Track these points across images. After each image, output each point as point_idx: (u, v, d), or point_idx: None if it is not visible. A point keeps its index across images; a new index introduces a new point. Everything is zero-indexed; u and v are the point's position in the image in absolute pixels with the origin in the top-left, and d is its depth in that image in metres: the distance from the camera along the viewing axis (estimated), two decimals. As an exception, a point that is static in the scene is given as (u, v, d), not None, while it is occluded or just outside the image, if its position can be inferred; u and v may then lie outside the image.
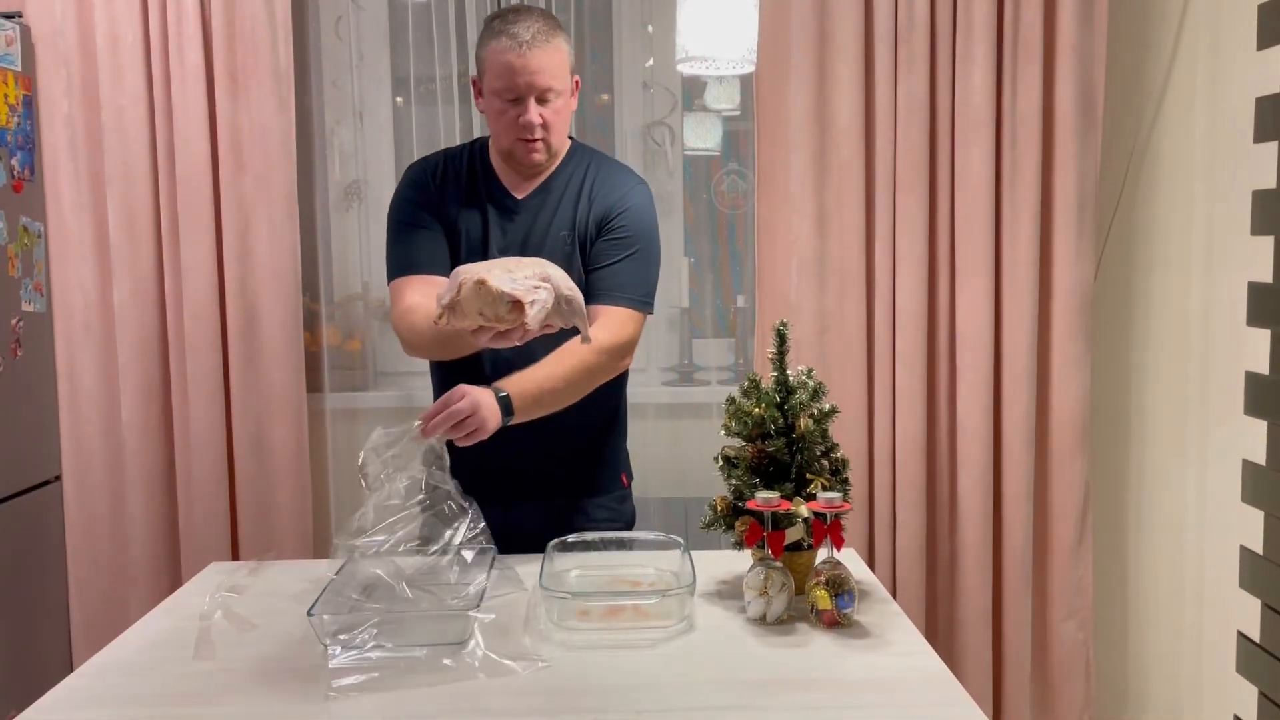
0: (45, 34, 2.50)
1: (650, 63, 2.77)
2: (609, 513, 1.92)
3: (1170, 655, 2.68)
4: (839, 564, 1.46)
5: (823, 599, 1.42)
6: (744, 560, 1.57)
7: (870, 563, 2.55)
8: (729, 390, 1.89)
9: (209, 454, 2.53)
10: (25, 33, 2.47)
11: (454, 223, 1.82)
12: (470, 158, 1.86)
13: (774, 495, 1.47)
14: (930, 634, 2.58)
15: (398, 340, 1.79)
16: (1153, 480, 2.68)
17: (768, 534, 1.48)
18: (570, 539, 1.66)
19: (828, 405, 1.59)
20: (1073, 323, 2.51)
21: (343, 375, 2.73)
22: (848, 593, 1.43)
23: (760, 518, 1.49)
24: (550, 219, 1.81)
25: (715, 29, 2.18)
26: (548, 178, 1.84)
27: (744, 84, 2.70)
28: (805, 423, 1.56)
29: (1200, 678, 2.59)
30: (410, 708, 1.21)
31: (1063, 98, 2.47)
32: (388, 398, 2.73)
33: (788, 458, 1.57)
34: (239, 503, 2.58)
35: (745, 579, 1.47)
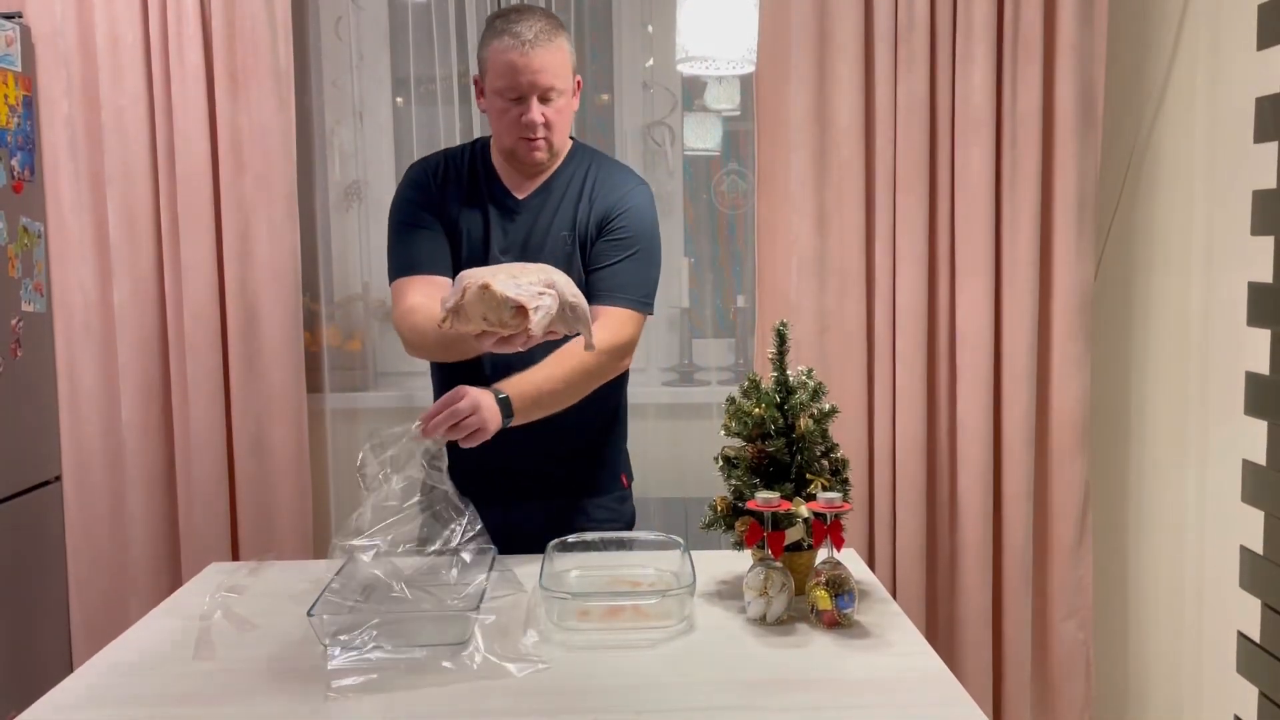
0: (45, 34, 2.50)
1: (650, 63, 2.77)
2: (609, 513, 1.92)
3: (1170, 655, 2.68)
4: (839, 564, 1.46)
5: (823, 599, 1.42)
6: (744, 560, 1.57)
7: (870, 563, 2.55)
8: (729, 390, 1.89)
9: (209, 454, 2.53)
10: (25, 33, 2.47)
11: (455, 223, 1.82)
12: (471, 158, 1.86)
13: (774, 495, 1.47)
14: (930, 634, 2.58)
15: (399, 340, 1.79)
16: (1153, 480, 2.68)
17: (768, 534, 1.48)
18: (570, 539, 1.66)
19: (828, 405, 1.59)
20: (1073, 323, 2.51)
21: (343, 375, 2.73)
22: (848, 593, 1.43)
23: (760, 518, 1.49)
24: (551, 219, 1.81)
25: (715, 29, 2.18)
26: (549, 178, 1.84)
27: (744, 84, 2.70)
28: (805, 423, 1.56)
29: (1200, 678, 2.59)
30: (410, 709, 1.21)
31: (1063, 98, 2.47)
32: (388, 398, 2.73)
33: (788, 458, 1.57)
34: (239, 503, 2.58)
35: (745, 579, 1.47)
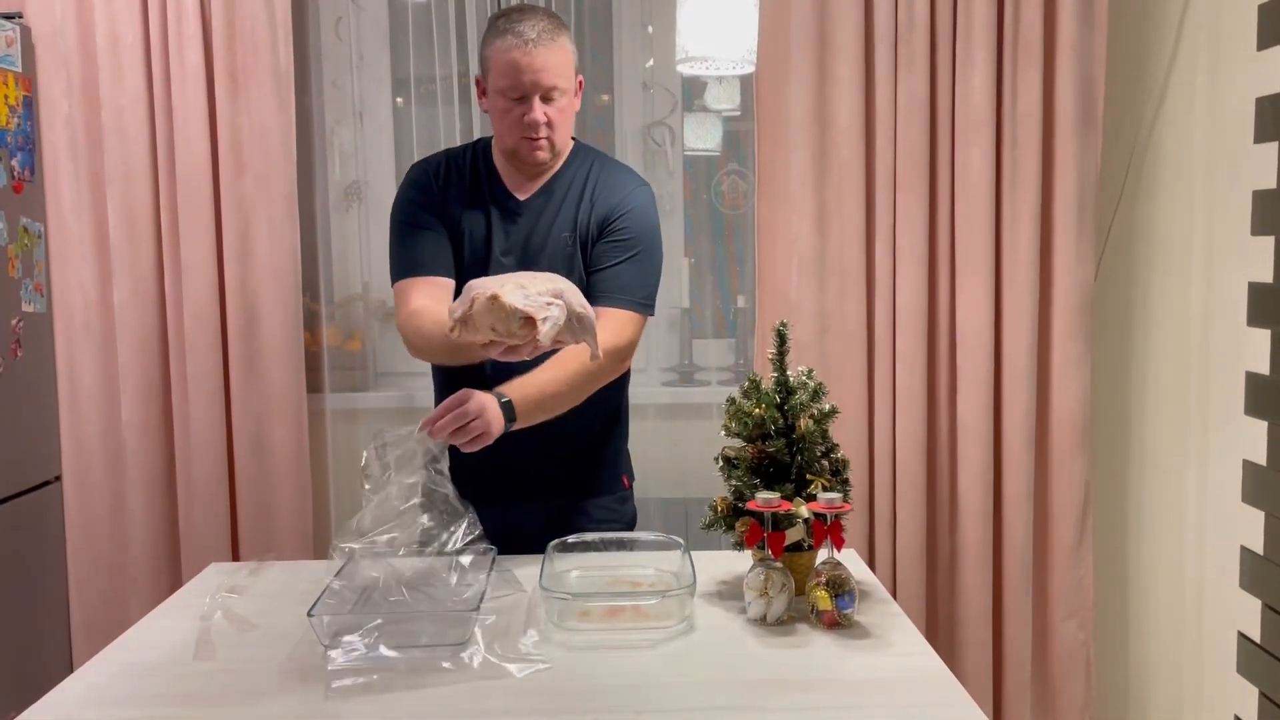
0: (45, 34, 2.50)
1: (650, 63, 2.77)
2: (610, 513, 1.92)
3: (1170, 655, 2.68)
4: (839, 564, 1.46)
5: (823, 599, 1.42)
6: (744, 561, 1.57)
7: (870, 563, 2.55)
8: (729, 391, 1.89)
9: (209, 454, 2.53)
10: (25, 33, 2.47)
11: (457, 223, 1.81)
12: (473, 158, 1.86)
13: (774, 496, 1.47)
14: (930, 634, 2.58)
15: (399, 340, 1.79)
16: (1153, 480, 2.68)
17: (768, 535, 1.48)
18: (570, 539, 1.66)
19: (828, 406, 1.59)
20: (1073, 323, 2.51)
21: (343, 376, 2.73)
22: (848, 593, 1.43)
23: (760, 518, 1.49)
24: (552, 221, 1.81)
25: (715, 29, 2.18)
26: (550, 179, 1.83)
27: (744, 84, 2.70)
28: (805, 423, 1.56)
29: (1200, 678, 2.59)
30: (410, 709, 1.21)
31: (1063, 98, 2.47)
32: (388, 398, 2.73)
33: (788, 458, 1.57)
34: (239, 503, 2.58)
35: (745, 580, 1.47)
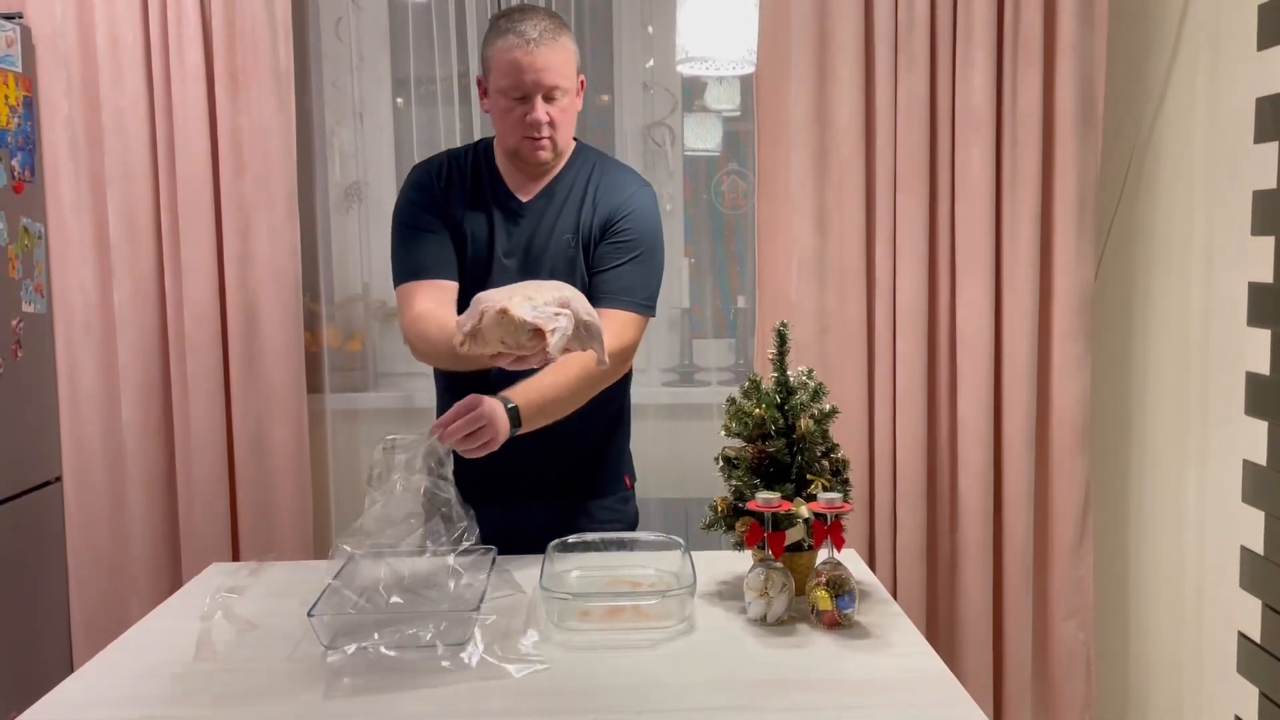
0: (45, 35, 2.50)
1: (650, 63, 2.77)
2: (612, 514, 1.92)
3: (1170, 655, 2.68)
4: (839, 564, 1.46)
5: (823, 599, 1.42)
6: (744, 561, 1.58)
7: (871, 563, 2.55)
8: (729, 391, 1.89)
9: (209, 454, 2.53)
10: (25, 34, 2.47)
11: (459, 225, 1.81)
12: (475, 158, 1.85)
13: (774, 496, 1.47)
14: (930, 634, 2.58)
15: (399, 341, 1.79)
16: (1153, 480, 2.68)
17: (768, 535, 1.48)
18: (570, 540, 1.66)
19: (828, 406, 1.59)
20: (1073, 323, 2.51)
21: (343, 376, 2.73)
22: (848, 593, 1.43)
23: (761, 518, 1.49)
24: (554, 222, 1.80)
25: (715, 29, 2.18)
26: (552, 180, 1.83)
27: (744, 84, 2.70)
28: (806, 423, 1.56)
29: (1200, 678, 2.59)
30: (410, 709, 1.21)
31: (1063, 98, 2.47)
32: (388, 398, 2.73)
33: (788, 458, 1.57)
34: (239, 503, 2.58)
35: (746, 580, 1.47)
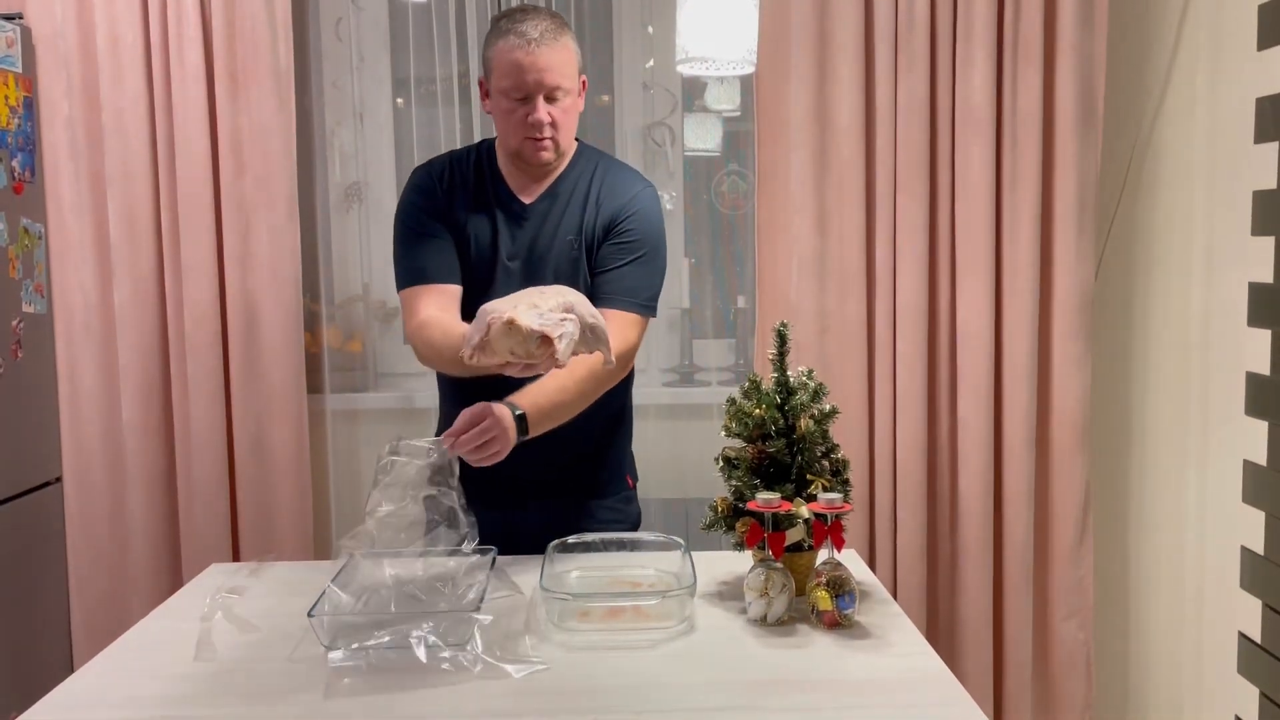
0: (46, 35, 2.50)
1: (650, 63, 2.77)
2: (615, 514, 1.92)
3: (1170, 655, 2.68)
4: (840, 565, 1.46)
5: (823, 600, 1.42)
6: (744, 561, 1.58)
7: (871, 563, 2.55)
8: (729, 391, 1.89)
9: (209, 455, 2.53)
10: (26, 34, 2.47)
11: (462, 228, 1.81)
12: (477, 160, 1.85)
13: (775, 496, 1.47)
14: (930, 634, 2.58)
15: (399, 341, 1.79)
16: (1153, 480, 2.68)
17: (768, 535, 1.48)
18: (570, 540, 1.66)
19: (828, 406, 1.59)
20: (1073, 323, 2.51)
21: (343, 376, 2.73)
22: (848, 593, 1.43)
23: (761, 519, 1.49)
24: (558, 224, 1.80)
25: (715, 30, 2.18)
26: (555, 181, 1.82)
27: (744, 84, 2.70)
28: (806, 423, 1.56)
29: (1201, 678, 2.59)
30: (410, 709, 1.21)
31: (1063, 98, 2.47)
32: (388, 399, 2.73)
33: (788, 458, 1.57)
34: (239, 503, 2.58)
35: (746, 580, 1.47)
